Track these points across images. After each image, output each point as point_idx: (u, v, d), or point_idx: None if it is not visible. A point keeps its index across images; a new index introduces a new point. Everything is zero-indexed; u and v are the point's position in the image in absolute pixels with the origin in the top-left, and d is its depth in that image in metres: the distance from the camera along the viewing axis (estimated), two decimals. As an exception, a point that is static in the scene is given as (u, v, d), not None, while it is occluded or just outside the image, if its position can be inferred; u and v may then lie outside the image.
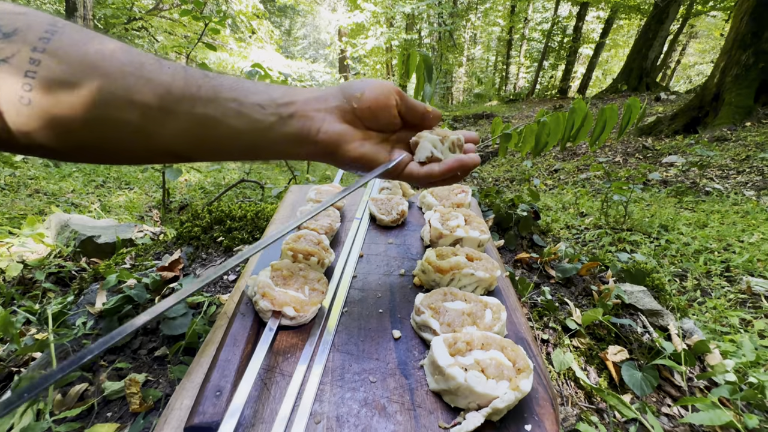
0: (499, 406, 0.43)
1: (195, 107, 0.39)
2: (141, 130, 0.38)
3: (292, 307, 0.54)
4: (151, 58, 0.39)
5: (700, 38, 17.37)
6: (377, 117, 0.50)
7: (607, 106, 1.53)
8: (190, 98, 0.39)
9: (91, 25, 6.16)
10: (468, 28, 17.40)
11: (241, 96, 0.42)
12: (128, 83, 0.36)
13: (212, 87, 0.40)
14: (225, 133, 0.42)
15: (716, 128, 5.14)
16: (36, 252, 1.49)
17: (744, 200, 3.15)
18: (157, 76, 0.38)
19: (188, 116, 0.39)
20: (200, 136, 0.41)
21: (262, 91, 0.44)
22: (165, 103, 0.38)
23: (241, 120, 0.42)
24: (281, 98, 0.44)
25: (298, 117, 0.45)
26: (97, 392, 0.74)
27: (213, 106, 0.40)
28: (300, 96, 0.46)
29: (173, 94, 0.38)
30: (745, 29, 5.21)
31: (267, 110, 0.43)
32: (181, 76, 0.39)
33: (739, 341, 1.21)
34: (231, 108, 0.41)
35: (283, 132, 0.44)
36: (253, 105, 0.42)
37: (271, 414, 0.45)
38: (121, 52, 0.37)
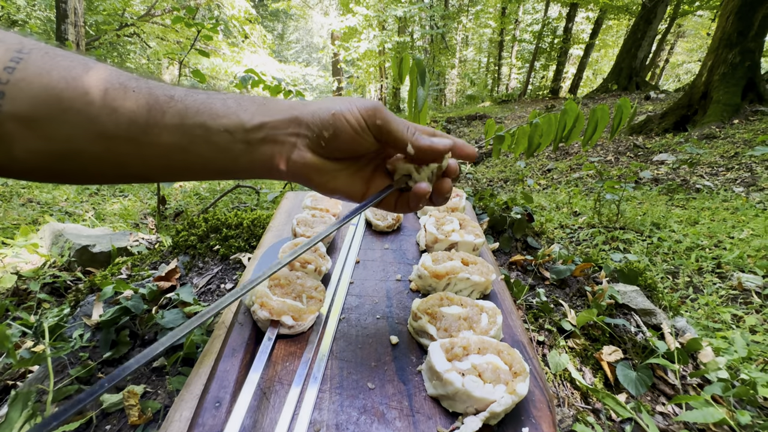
0: (496, 410, 0.43)
1: (161, 136, 0.37)
2: (108, 160, 0.37)
3: (290, 315, 0.54)
4: (116, 81, 0.36)
5: (688, 37, 17.63)
6: (351, 150, 0.45)
7: (598, 105, 1.55)
8: (155, 126, 0.37)
9: (82, 31, 6.12)
10: (460, 30, 17.52)
11: (209, 120, 0.39)
12: (91, 114, 0.34)
13: (178, 112, 0.38)
14: (193, 160, 0.40)
15: (705, 126, 5.22)
16: (30, 262, 1.47)
17: (733, 197, 3.20)
18: (122, 104, 0.35)
19: (154, 146, 0.38)
20: (168, 163, 0.39)
21: (231, 112, 0.40)
22: (130, 134, 0.36)
23: (209, 148, 0.40)
24: (251, 120, 0.41)
25: (268, 142, 0.42)
26: (96, 405, 0.74)
27: (179, 133, 0.38)
28: (272, 117, 0.42)
29: (138, 124, 0.36)
30: (731, 28, 5.30)
31: (235, 136, 0.40)
32: (145, 102, 0.36)
33: (731, 337, 1.23)
34: (197, 135, 0.39)
35: (251, 159, 0.42)
36: (221, 131, 0.40)
37: (270, 423, 0.45)
38: (86, 78, 0.35)
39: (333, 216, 0.89)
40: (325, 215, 0.85)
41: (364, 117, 0.43)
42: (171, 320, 0.88)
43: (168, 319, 0.89)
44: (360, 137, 0.44)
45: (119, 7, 8.19)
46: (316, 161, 0.44)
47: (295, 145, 0.43)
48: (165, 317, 0.89)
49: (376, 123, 0.43)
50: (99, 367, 0.83)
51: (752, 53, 5.20)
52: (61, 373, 0.80)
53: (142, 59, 10.96)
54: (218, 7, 9.39)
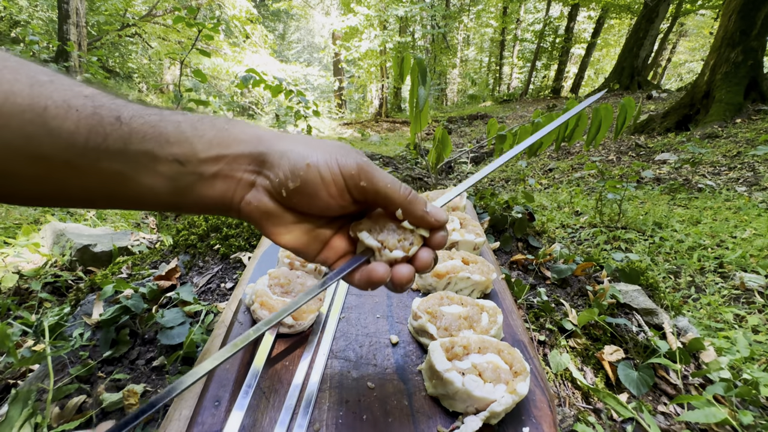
0: (496, 410, 0.43)
1: (99, 161, 0.33)
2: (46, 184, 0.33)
3: (291, 315, 0.54)
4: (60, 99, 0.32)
5: (690, 36, 17.57)
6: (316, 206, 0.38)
7: (601, 105, 1.55)
8: (94, 150, 0.32)
9: (84, 32, 6.13)
10: (461, 29, 17.50)
11: (157, 147, 0.34)
12: (27, 133, 0.31)
13: (121, 136, 0.33)
14: (137, 191, 0.35)
15: (707, 125, 5.20)
16: (32, 262, 1.48)
17: (736, 196, 3.19)
18: (60, 123, 0.31)
19: (93, 171, 0.33)
20: (112, 192, 0.35)
21: (184, 139, 0.35)
22: (67, 156, 0.32)
23: (155, 178, 0.35)
24: (207, 150, 0.36)
25: (222, 177, 0.36)
26: (95, 404, 0.74)
27: (121, 160, 0.33)
28: (231, 149, 0.36)
29: (76, 146, 0.32)
30: (734, 27, 5.28)
31: (186, 167, 0.35)
32: (86, 124, 0.32)
33: (734, 337, 1.23)
34: (142, 164, 0.34)
35: (203, 194, 0.37)
36: (170, 160, 0.35)
37: (270, 422, 0.45)
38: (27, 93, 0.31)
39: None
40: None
41: (344, 176, 0.36)
42: (171, 319, 0.88)
43: (168, 318, 0.89)
44: (333, 199, 0.37)
45: (121, 7, 8.21)
46: (271, 208, 0.38)
47: (253, 184, 0.37)
48: (165, 316, 0.89)
49: (359, 185, 0.37)
50: (99, 366, 0.83)
51: (755, 52, 5.18)
52: (62, 372, 0.80)
53: (144, 59, 10.98)
54: (219, 7, 9.40)
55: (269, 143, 0.37)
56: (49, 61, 4.56)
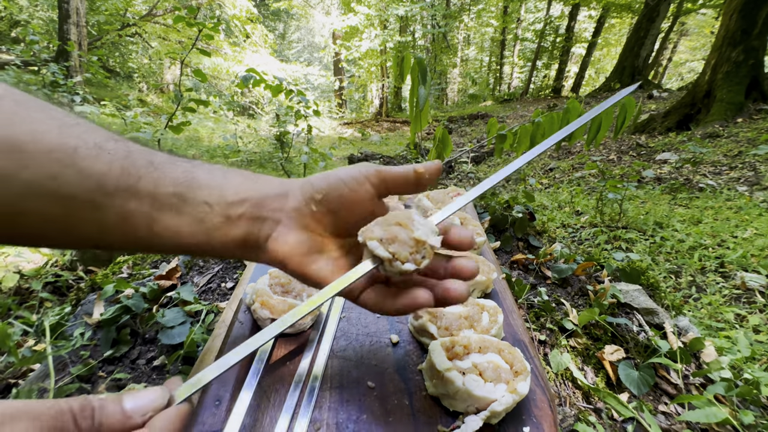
0: (497, 410, 0.43)
1: (128, 202, 0.33)
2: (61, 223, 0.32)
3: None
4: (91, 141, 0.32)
5: (691, 36, 17.54)
6: (345, 219, 0.40)
7: (600, 105, 1.55)
8: (125, 192, 0.33)
9: (84, 31, 6.14)
10: (461, 29, 17.48)
11: (186, 191, 0.35)
12: (53, 172, 0.30)
13: (154, 179, 0.34)
14: (160, 232, 0.35)
15: (708, 125, 5.19)
16: (32, 261, 1.48)
17: (737, 196, 3.18)
18: (91, 164, 0.31)
19: (119, 211, 0.33)
20: (128, 232, 0.34)
21: (215, 184, 0.37)
22: (94, 196, 0.32)
23: (181, 219, 0.35)
24: (234, 195, 0.37)
25: (248, 218, 0.38)
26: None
27: (149, 200, 0.34)
28: (256, 192, 0.38)
29: (106, 187, 0.32)
30: (735, 26, 5.27)
31: (214, 209, 0.36)
32: (119, 165, 0.33)
33: (734, 337, 1.22)
34: (171, 204, 0.35)
35: (228, 234, 0.37)
36: (200, 203, 0.36)
37: (271, 422, 0.45)
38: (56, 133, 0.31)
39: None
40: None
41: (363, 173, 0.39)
42: (171, 319, 0.88)
43: (168, 317, 0.89)
44: (356, 194, 0.39)
45: (121, 7, 8.21)
46: (300, 238, 0.39)
47: (278, 221, 0.39)
48: (166, 316, 0.89)
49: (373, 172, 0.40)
50: (100, 366, 0.83)
51: (756, 51, 5.17)
52: (62, 372, 0.80)
53: (144, 59, 10.99)
54: (219, 7, 9.41)
55: (291, 184, 0.40)
56: (50, 61, 4.56)
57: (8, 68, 4.27)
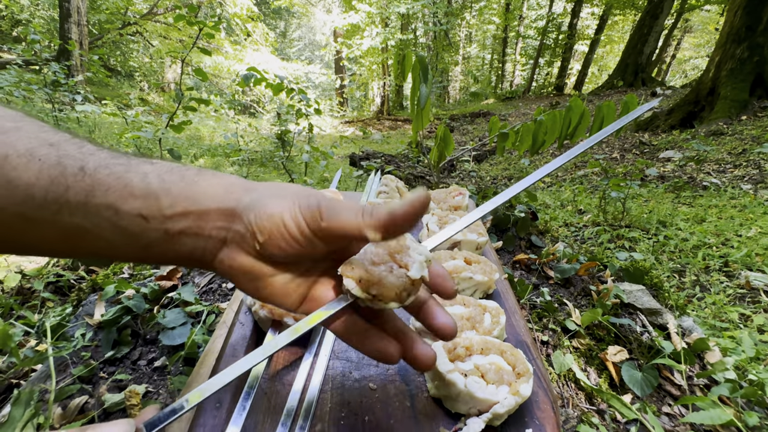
0: (499, 411, 0.43)
1: (60, 214, 0.31)
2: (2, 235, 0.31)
3: (292, 316, 0.54)
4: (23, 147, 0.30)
5: (695, 32, 17.43)
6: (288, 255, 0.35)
7: (604, 102, 1.53)
8: (54, 203, 0.31)
9: (85, 30, 6.15)
10: (463, 26, 17.43)
11: (119, 202, 0.32)
12: None
13: (83, 188, 0.31)
14: (100, 246, 0.33)
15: (712, 122, 5.16)
16: (34, 261, 1.48)
17: (741, 194, 3.16)
18: (19, 174, 0.29)
19: (53, 224, 0.31)
20: (73, 245, 0.33)
21: (150, 192, 0.33)
22: (23, 208, 0.30)
23: (117, 234, 0.33)
24: (173, 206, 0.34)
25: (190, 235, 0.34)
26: (98, 405, 0.74)
27: (81, 213, 0.31)
28: (200, 204, 0.34)
29: (34, 198, 0.30)
30: (739, 23, 5.23)
31: (150, 223, 0.33)
32: (47, 175, 0.30)
33: (739, 337, 1.21)
34: (104, 217, 0.32)
35: (171, 250, 0.35)
36: (133, 215, 0.33)
37: (272, 424, 0.45)
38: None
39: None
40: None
41: (307, 221, 0.34)
42: (172, 320, 0.88)
43: (169, 318, 0.88)
44: (302, 248, 0.35)
45: (122, 5, 8.22)
46: (247, 263, 0.36)
47: (224, 241, 0.35)
48: (167, 317, 0.89)
49: (321, 226, 0.34)
50: (101, 367, 0.83)
51: (761, 48, 5.13)
52: (64, 373, 0.80)
53: (145, 58, 11.00)
54: (220, 5, 9.40)
55: (238, 196, 0.35)
56: (51, 60, 4.57)
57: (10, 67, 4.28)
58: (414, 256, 0.34)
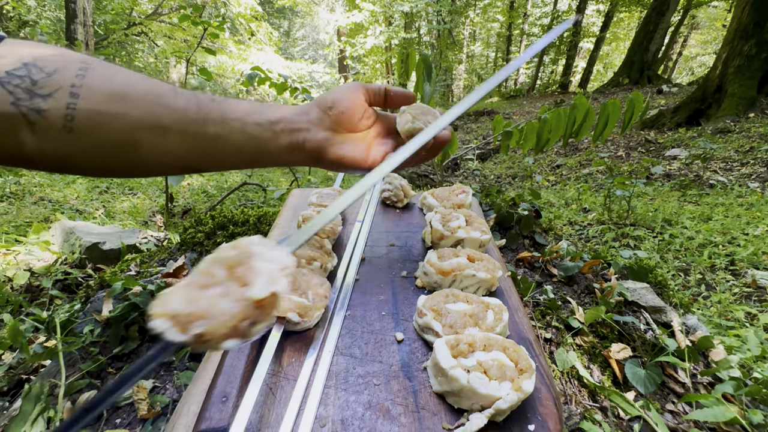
0: (502, 407, 0.43)
1: (206, 127, 0.46)
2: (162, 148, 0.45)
3: (296, 312, 0.55)
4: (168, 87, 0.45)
5: (702, 29, 17.22)
6: (351, 119, 0.56)
7: (609, 100, 1.53)
8: (202, 120, 0.46)
9: (91, 31, 6.19)
10: (467, 25, 17.34)
11: (243, 116, 0.49)
12: (151, 110, 0.43)
13: (219, 110, 0.48)
14: (231, 148, 0.49)
15: (719, 120, 5.10)
16: (42, 259, 1.50)
17: (748, 192, 3.13)
18: (174, 102, 0.44)
19: (201, 135, 0.46)
20: (210, 150, 0.48)
21: (259, 111, 0.51)
22: (182, 125, 0.45)
23: (244, 136, 0.49)
24: (273, 116, 0.52)
25: (288, 131, 0.52)
26: (106, 398, 0.75)
27: (221, 126, 0.47)
28: (287, 113, 0.53)
29: (188, 117, 0.45)
30: (747, 19, 5.16)
31: (263, 127, 0.50)
32: (194, 103, 0.46)
33: (744, 335, 1.21)
34: (235, 127, 0.48)
35: (276, 143, 0.52)
36: (253, 123, 0.50)
37: (276, 418, 0.45)
38: (143, 84, 0.43)
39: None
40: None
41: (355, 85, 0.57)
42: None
43: (176, 314, 0.89)
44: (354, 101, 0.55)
45: (127, 6, 8.26)
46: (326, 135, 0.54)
47: (308, 129, 0.53)
48: (173, 313, 0.90)
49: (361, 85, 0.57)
50: (109, 362, 0.84)
51: (769, 45, 5.06)
52: (73, 368, 0.82)
53: (150, 58, 11.06)
54: (224, 5, 9.42)
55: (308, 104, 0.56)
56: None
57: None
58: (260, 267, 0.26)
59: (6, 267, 1.39)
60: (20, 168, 0.45)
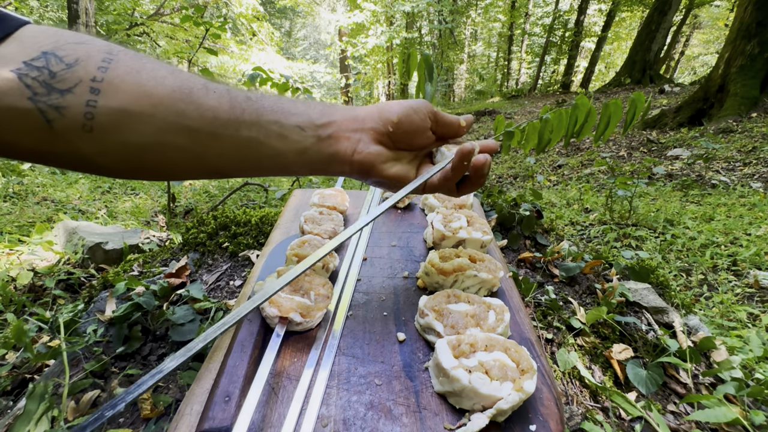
0: (503, 408, 0.43)
1: (239, 130, 0.41)
2: (190, 152, 0.40)
3: (299, 312, 0.55)
4: (199, 83, 0.40)
5: (704, 28, 17.16)
6: (412, 140, 0.51)
7: (611, 100, 1.52)
8: (235, 122, 0.41)
9: (93, 32, 6.22)
10: (468, 24, 17.33)
11: (282, 118, 0.44)
12: (179, 109, 0.38)
13: (255, 110, 0.42)
14: (266, 154, 0.44)
15: (722, 120, 5.09)
16: (45, 259, 1.51)
17: (751, 192, 3.12)
18: (205, 101, 0.39)
19: (233, 139, 0.41)
20: (244, 156, 0.43)
21: (301, 111, 0.45)
22: (212, 127, 0.40)
23: (282, 141, 0.44)
24: (319, 119, 0.46)
25: (335, 138, 0.46)
26: (109, 399, 0.76)
27: (256, 128, 0.42)
28: (337, 116, 0.47)
29: (220, 118, 0.40)
30: (750, 18, 5.14)
31: (306, 132, 0.45)
32: (226, 101, 0.40)
33: (746, 336, 1.21)
34: (272, 130, 0.43)
35: (320, 152, 0.46)
36: (293, 127, 0.44)
37: (279, 418, 0.45)
38: (171, 78, 0.39)
39: (340, 213, 0.89)
40: (332, 213, 0.85)
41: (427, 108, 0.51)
42: (181, 316, 0.90)
43: (179, 315, 0.90)
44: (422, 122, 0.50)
45: (129, 6, 8.29)
46: (378, 150, 0.49)
47: (359, 140, 0.48)
48: (176, 313, 0.91)
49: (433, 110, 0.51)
50: (112, 362, 0.85)
51: (771, 44, 5.04)
52: (76, 367, 0.82)
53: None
54: (226, 5, 9.44)
55: (365, 109, 0.50)
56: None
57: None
58: None
59: (9, 267, 1.40)
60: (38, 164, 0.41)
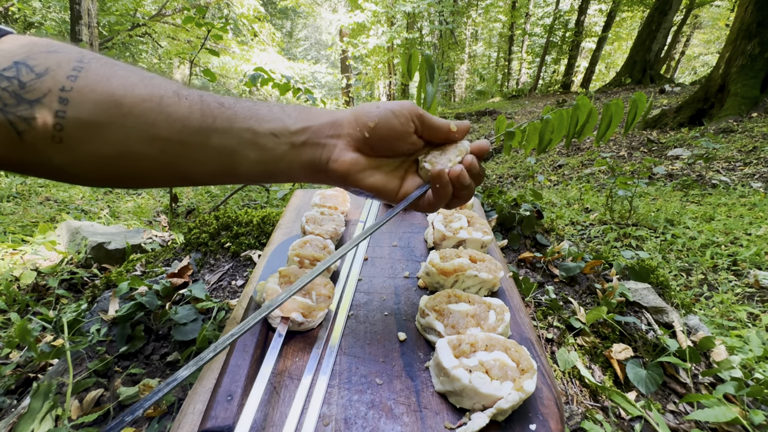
0: (503, 407, 0.44)
1: (211, 138, 0.40)
2: (161, 162, 0.40)
3: (300, 312, 0.55)
4: (170, 89, 0.39)
5: (705, 28, 17.13)
6: (393, 146, 0.48)
7: (612, 101, 1.52)
8: (207, 130, 0.40)
9: (95, 32, 6.23)
10: (469, 25, 17.33)
11: (255, 125, 0.42)
12: (149, 119, 0.37)
13: (227, 117, 0.41)
14: (240, 162, 0.42)
15: (722, 120, 5.08)
16: (49, 259, 1.52)
17: (751, 192, 3.12)
18: (175, 110, 0.39)
19: (205, 147, 0.40)
20: (216, 165, 0.42)
21: (276, 117, 0.44)
22: (182, 136, 0.39)
23: (255, 149, 0.42)
24: (294, 125, 0.44)
25: (310, 145, 0.45)
26: (113, 398, 0.76)
27: (228, 136, 0.41)
28: (314, 121, 0.45)
29: (190, 127, 0.39)
30: (750, 18, 5.13)
31: (280, 139, 0.43)
32: (198, 108, 0.40)
33: (746, 336, 1.21)
34: (245, 138, 0.42)
35: (295, 160, 0.44)
36: (267, 134, 0.43)
37: (281, 417, 0.46)
38: (142, 85, 0.38)
39: (342, 213, 0.90)
40: (333, 213, 0.86)
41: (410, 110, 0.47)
42: (184, 316, 0.90)
43: (181, 314, 0.91)
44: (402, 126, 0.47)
45: (131, 7, 8.30)
46: (355, 158, 0.46)
47: (335, 146, 0.46)
48: (178, 313, 0.91)
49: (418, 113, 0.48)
50: (115, 361, 0.85)
51: (772, 44, 5.03)
52: (80, 366, 0.83)
53: (154, 59, 11.09)
54: (228, 6, 9.45)
55: (342, 113, 0.47)
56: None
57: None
58: None
59: (13, 266, 1.41)
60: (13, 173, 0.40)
